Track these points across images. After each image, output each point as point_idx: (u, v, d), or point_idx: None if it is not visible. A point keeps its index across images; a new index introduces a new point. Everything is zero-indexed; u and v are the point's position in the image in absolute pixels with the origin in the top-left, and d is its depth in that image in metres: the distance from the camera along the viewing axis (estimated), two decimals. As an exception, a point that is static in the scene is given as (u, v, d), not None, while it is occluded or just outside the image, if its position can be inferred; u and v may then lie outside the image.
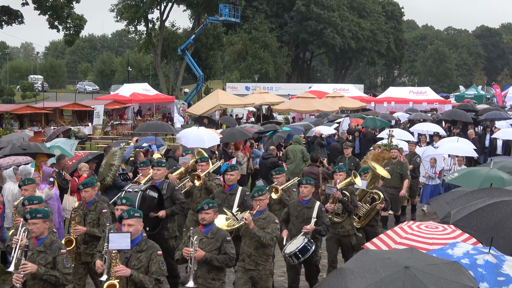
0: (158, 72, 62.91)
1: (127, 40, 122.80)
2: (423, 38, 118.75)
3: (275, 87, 60.08)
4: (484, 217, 6.48)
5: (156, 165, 10.13)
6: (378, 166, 10.80)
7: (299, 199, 9.41)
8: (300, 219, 9.18)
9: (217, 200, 9.29)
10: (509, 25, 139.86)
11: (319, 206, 9.19)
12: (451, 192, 8.92)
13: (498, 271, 5.17)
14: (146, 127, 18.84)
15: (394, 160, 14.13)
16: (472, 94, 52.54)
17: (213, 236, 7.35)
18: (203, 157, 11.00)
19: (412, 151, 15.62)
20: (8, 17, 43.25)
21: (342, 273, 4.81)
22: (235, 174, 9.81)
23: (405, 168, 14.11)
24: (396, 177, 13.85)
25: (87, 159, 13.32)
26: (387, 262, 4.77)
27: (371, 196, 10.59)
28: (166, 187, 9.86)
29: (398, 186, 13.98)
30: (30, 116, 31.76)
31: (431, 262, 4.84)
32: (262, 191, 8.33)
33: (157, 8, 60.82)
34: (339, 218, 10.00)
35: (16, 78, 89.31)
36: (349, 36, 76.63)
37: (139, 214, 6.77)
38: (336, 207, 9.92)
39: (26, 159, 11.91)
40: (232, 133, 18.09)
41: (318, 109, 30.38)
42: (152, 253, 6.61)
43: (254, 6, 73.41)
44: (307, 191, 9.22)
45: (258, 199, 8.24)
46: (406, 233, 6.73)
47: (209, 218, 7.39)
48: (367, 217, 10.59)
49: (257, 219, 8.13)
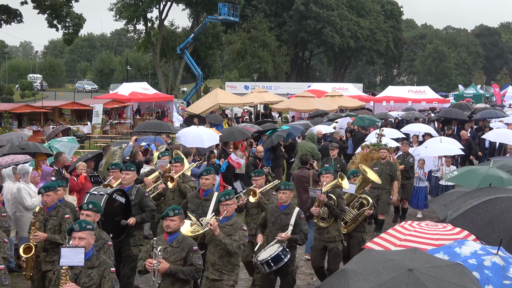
0: (157, 71, 62.92)
1: (126, 39, 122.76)
2: (422, 37, 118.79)
3: (274, 86, 60.08)
4: (479, 214, 6.50)
5: (125, 169, 9.46)
6: (369, 170, 10.36)
7: (277, 204, 8.89)
8: (277, 225, 8.67)
9: (191, 206, 9.03)
10: (508, 24, 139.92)
11: (297, 213, 8.63)
12: (450, 193, 8.90)
13: (505, 274, 5.11)
14: (145, 126, 18.80)
15: (383, 161, 13.70)
16: (471, 93, 52.50)
17: (178, 245, 6.85)
18: (177, 158, 10.55)
19: (406, 151, 15.15)
20: (7, 16, 43.23)
21: (344, 274, 4.76)
22: (211, 178, 9.26)
23: (394, 169, 13.66)
24: (385, 178, 13.29)
25: (86, 157, 13.32)
26: (390, 264, 4.73)
27: (360, 201, 10.10)
28: (135, 192, 9.26)
29: (386, 187, 13.45)
30: (29, 115, 31.75)
31: (435, 264, 4.79)
32: (229, 195, 7.83)
33: (156, 7, 60.85)
34: (325, 223, 9.51)
35: (15, 77, 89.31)
36: (348, 35, 76.62)
37: (91, 227, 6.20)
38: (322, 211, 9.44)
39: (25, 158, 11.90)
40: (231, 132, 18.08)
41: (317, 108, 30.33)
42: (104, 270, 6.02)
43: (253, 5, 73.38)
44: (286, 197, 8.71)
45: (225, 203, 7.75)
46: (409, 231, 6.71)
47: (174, 226, 6.88)
48: (354, 222, 10.09)
49: (224, 226, 7.66)
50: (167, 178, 10.11)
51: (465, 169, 11.09)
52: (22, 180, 10.62)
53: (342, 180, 9.45)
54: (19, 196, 10.32)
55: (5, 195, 10.37)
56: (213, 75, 70.53)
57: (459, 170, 11.06)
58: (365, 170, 10.23)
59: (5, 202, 10.25)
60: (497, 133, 19.44)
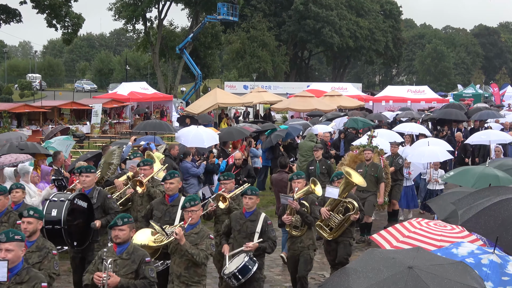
0: (156, 71, 62.91)
1: (125, 39, 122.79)
2: (421, 37, 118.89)
3: (273, 86, 60.03)
4: (491, 216, 6.45)
5: (85, 171, 8.97)
6: (353, 173, 9.71)
7: (242, 211, 8.27)
8: (243, 233, 8.07)
9: (157, 213, 8.47)
10: (507, 24, 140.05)
11: (264, 219, 8.07)
12: (451, 193, 8.89)
13: (503, 271, 5.19)
14: (144, 125, 18.81)
15: (367, 162, 13.16)
16: (470, 93, 52.54)
17: (129, 257, 6.36)
18: (146, 160, 10.02)
19: (394, 152, 14.66)
20: (6, 16, 43.26)
21: (345, 272, 4.80)
22: (176, 182, 8.54)
23: (380, 170, 13.08)
24: (370, 181, 12.66)
25: (86, 157, 13.33)
26: (391, 262, 4.75)
27: (345, 205, 9.44)
28: (97, 195, 8.80)
29: (371, 190, 12.87)
30: (28, 115, 31.77)
31: (436, 262, 4.80)
32: (194, 201, 7.25)
33: (155, 6, 60.84)
34: (297, 231, 9.00)
35: (14, 77, 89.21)
36: (347, 35, 76.62)
37: (21, 237, 5.64)
38: (294, 220, 8.93)
39: (27, 157, 11.90)
40: (229, 132, 18.11)
41: (317, 108, 30.37)
42: (35, 285, 5.52)
43: (252, 4, 73.37)
44: (252, 202, 8.11)
45: (189, 210, 7.18)
46: (415, 228, 6.76)
47: (123, 236, 6.37)
48: (340, 228, 9.48)
49: (189, 234, 7.11)
50: (135, 182, 9.51)
51: (461, 168, 11.11)
52: (22, 179, 10.63)
53: (314, 186, 8.85)
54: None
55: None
56: (212, 74, 70.49)
57: (455, 170, 11.07)
58: (349, 172, 9.54)
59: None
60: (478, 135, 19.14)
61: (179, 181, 8.65)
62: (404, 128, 21.01)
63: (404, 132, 20.20)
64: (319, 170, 13.46)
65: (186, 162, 14.41)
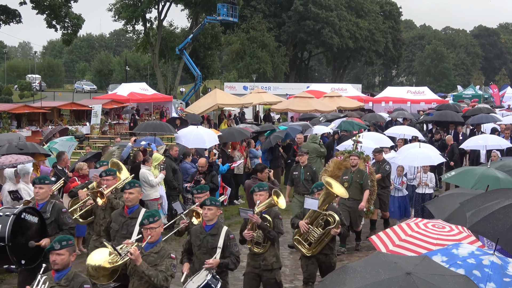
0: (156, 72, 62.90)
1: (125, 40, 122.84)
2: (421, 38, 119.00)
3: (273, 87, 60.02)
4: (500, 220, 6.39)
5: (38, 182, 8.18)
6: (334, 183, 8.96)
7: (202, 225, 7.62)
8: (203, 249, 7.46)
9: (114, 225, 7.94)
10: (507, 25, 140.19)
11: (226, 233, 7.45)
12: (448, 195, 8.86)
13: (504, 272, 5.19)
14: (144, 127, 18.80)
15: (353, 169, 12.49)
16: (469, 94, 52.55)
17: (67, 284, 5.86)
18: (109, 170, 9.26)
19: (380, 159, 13.97)
20: (6, 16, 43.21)
21: (345, 270, 4.82)
22: (135, 192, 7.92)
23: (366, 177, 12.43)
24: (355, 188, 12.29)
25: (85, 158, 13.33)
26: (391, 266, 4.74)
27: (325, 218, 8.72)
28: (51, 209, 8.09)
29: (358, 198, 12.33)
30: (27, 115, 31.76)
31: (438, 273, 4.75)
32: (154, 217, 6.60)
33: (155, 7, 60.85)
34: (260, 248, 8.19)
35: (14, 78, 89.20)
36: (347, 35, 76.68)
37: None
38: (256, 235, 8.15)
39: (27, 159, 11.91)
40: (230, 133, 18.11)
41: (316, 109, 30.36)
42: None
43: (252, 5, 73.40)
44: (212, 214, 7.44)
45: (148, 227, 6.55)
46: (412, 231, 6.75)
47: (61, 261, 5.85)
48: (320, 243, 8.76)
49: (148, 254, 6.54)
50: (95, 194, 8.83)
51: (462, 169, 11.08)
52: (22, 180, 10.64)
53: (277, 198, 8.09)
54: (17, 200, 10.35)
55: (5, 197, 10.40)
56: (212, 75, 70.48)
57: (456, 171, 11.03)
58: (329, 183, 8.85)
59: (5, 203, 10.27)
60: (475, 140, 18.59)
61: (139, 191, 8.04)
62: (397, 131, 20.24)
63: (396, 135, 19.68)
64: (303, 176, 12.82)
65: (186, 163, 14.42)
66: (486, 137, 18.71)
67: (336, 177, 12.93)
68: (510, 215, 6.45)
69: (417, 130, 21.16)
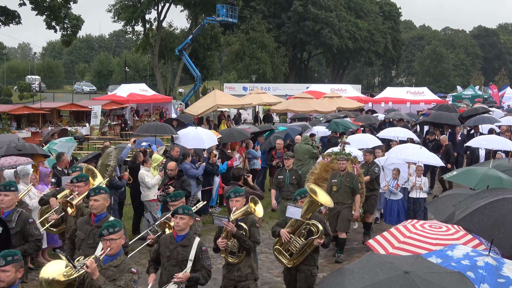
0: (155, 73, 62.94)
1: (125, 41, 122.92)
2: (421, 38, 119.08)
3: (273, 88, 60.11)
4: (485, 214, 6.48)
5: (3, 190, 7.66)
6: (319, 191, 8.39)
7: (173, 234, 7.07)
8: (173, 261, 6.93)
9: (80, 233, 7.38)
10: (506, 25, 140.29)
11: (198, 245, 6.93)
12: (448, 195, 8.86)
13: (498, 273, 5.20)
14: (146, 128, 18.77)
15: (342, 172, 11.96)
16: (469, 94, 52.58)
17: None
18: (81, 176, 8.68)
19: (369, 160, 13.47)
20: (6, 18, 43.22)
21: (342, 272, 4.83)
22: (101, 199, 7.33)
23: (356, 181, 11.90)
24: (345, 192, 11.82)
25: (86, 158, 13.31)
26: (388, 266, 4.76)
27: (307, 228, 8.14)
28: (16, 218, 7.59)
29: (346, 202, 11.85)
30: (27, 116, 31.73)
31: (433, 270, 4.79)
32: (114, 228, 6.09)
33: (154, 8, 60.87)
34: (234, 258, 7.71)
35: (13, 79, 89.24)
36: (346, 36, 76.73)
37: None
38: (231, 244, 7.65)
39: (27, 160, 11.89)
40: (231, 133, 18.09)
41: (316, 110, 30.35)
42: None
43: (252, 6, 73.44)
44: (184, 223, 6.91)
45: (108, 238, 6.04)
46: (410, 232, 6.75)
47: (7, 279, 5.31)
48: (301, 254, 8.19)
49: (107, 267, 6.05)
50: (66, 203, 8.26)
51: (464, 168, 11.09)
52: (22, 181, 10.63)
53: (255, 205, 7.64)
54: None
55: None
56: (211, 76, 70.54)
57: (458, 170, 11.04)
58: (314, 190, 8.28)
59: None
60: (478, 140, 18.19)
61: (106, 198, 7.40)
62: (389, 133, 19.69)
63: (389, 137, 19.22)
64: (288, 180, 12.23)
65: (185, 163, 14.40)
66: (491, 138, 18.20)
67: (323, 179, 12.76)
68: (496, 210, 6.52)
69: (411, 131, 20.71)
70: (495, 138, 17.94)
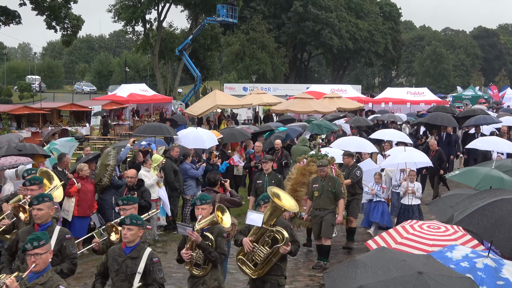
0: (155, 73, 62.94)
1: (125, 41, 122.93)
2: (421, 39, 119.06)
3: (273, 88, 59.98)
4: (485, 215, 6.49)
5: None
6: (283, 194, 7.76)
7: (121, 246, 6.51)
8: (122, 275, 6.39)
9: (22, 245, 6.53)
10: (506, 25, 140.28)
11: (149, 256, 6.39)
12: (451, 196, 8.86)
13: (498, 275, 5.18)
14: (144, 129, 18.79)
15: (323, 177, 11.39)
16: (469, 95, 52.63)
17: None
18: (33, 179, 8.12)
19: (349, 163, 12.90)
20: (6, 18, 43.23)
21: (354, 264, 4.82)
22: (45, 207, 6.84)
23: (338, 185, 11.33)
24: (327, 197, 11.26)
25: (86, 159, 13.32)
26: (401, 264, 4.77)
27: (272, 235, 7.49)
28: None
29: (330, 208, 11.26)
30: (27, 116, 31.73)
31: (445, 274, 4.79)
32: (39, 241, 5.51)
33: (154, 8, 60.84)
34: (199, 270, 7.20)
35: (13, 79, 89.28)
36: (346, 36, 76.69)
37: None
38: (196, 255, 7.12)
39: (28, 160, 11.90)
40: (232, 134, 18.10)
41: (316, 110, 30.35)
42: None
43: (252, 6, 73.42)
44: (132, 234, 6.34)
45: (32, 253, 5.46)
46: (408, 233, 6.75)
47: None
48: (267, 264, 7.55)
49: (32, 286, 5.47)
50: (18, 208, 7.61)
51: (467, 168, 11.08)
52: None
53: (222, 214, 7.15)
54: (18, 197, 10.36)
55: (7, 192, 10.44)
56: (211, 76, 70.52)
57: (461, 170, 11.03)
58: (277, 194, 7.60)
59: (5, 203, 10.30)
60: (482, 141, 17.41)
61: (51, 206, 6.93)
62: (382, 135, 18.92)
63: (382, 139, 18.42)
64: (267, 185, 11.33)
65: (186, 164, 14.40)
66: (493, 140, 17.26)
67: (301, 184, 12.29)
68: (495, 210, 6.53)
69: (404, 133, 19.95)
70: (499, 140, 16.98)
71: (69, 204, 11.82)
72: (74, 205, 11.80)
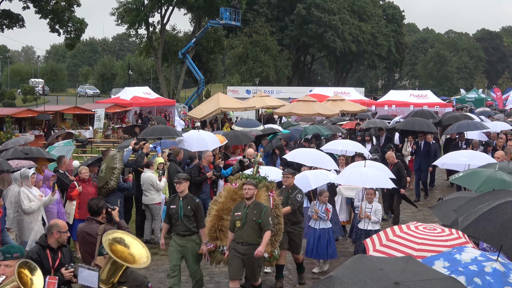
0: (158, 76, 63.06)
1: (128, 44, 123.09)
2: (424, 41, 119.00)
3: (276, 91, 59.96)
4: (490, 220, 6.40)
5: None
6: (128, 239, 6.10)
7: None
8: None
9: None
10: (510, 28, 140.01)
11: None
12: (454, 199, 8.79)
13: (506, 280, 5.10)
14: (151, 131, 18.80)
15: (248, 202, 9.03)
16: (473, 98, 52.52)
17: None
18: None
19: (290, 184, 10.34)
20: (9, 21, 43.42)
21: (331, 281, 4.65)
22: None
23: (265, 214, 8.87)
24: (251, 228, 8.92)
25: (87, 163, 13.32)
26: (378, 274, 4.64)
27: None
28: None
29: (254, 242, 8.88)
30: (31, 120, 31.77)
31: (425, 277, 4.68)
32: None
33: (157, 11, 60.99)
34: None
35: (17, 82, 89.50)
36: (349, 39, 76.71)
37: None
38: None
39: (29, 163, 11.92)
40: (236, 136, 18.10)
41: (319, 113, 30.31)
42: None
43: (255, 9, 73.51)
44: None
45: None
46: (401, 232, 6.71)
47: None
48: None
49: None
50: None
51: (470, 170, 10.97)
52: (24, 184, 10.67)
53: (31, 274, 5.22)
54: (18, 199, 10.41)
55: (9, 198, 10.47)
56: (214, 79, 70.64)
57: (465, 172, 10.90)
58: (119, 239, 5.97)
59: (8, 204, 10.36)
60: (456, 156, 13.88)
61: None
62: (335, 146, 16.13)
63: (334, 151, 15.95)
64: (182, 211, 9.34)
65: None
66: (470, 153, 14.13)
67: (229, 211, 9.49)
68: (500, 215, 6.42)
69: (360, 145, 16.68)
70: (476, 154, 14.11)
71: (70, 207, 11.85)
72: (75, 207, 11.82)
